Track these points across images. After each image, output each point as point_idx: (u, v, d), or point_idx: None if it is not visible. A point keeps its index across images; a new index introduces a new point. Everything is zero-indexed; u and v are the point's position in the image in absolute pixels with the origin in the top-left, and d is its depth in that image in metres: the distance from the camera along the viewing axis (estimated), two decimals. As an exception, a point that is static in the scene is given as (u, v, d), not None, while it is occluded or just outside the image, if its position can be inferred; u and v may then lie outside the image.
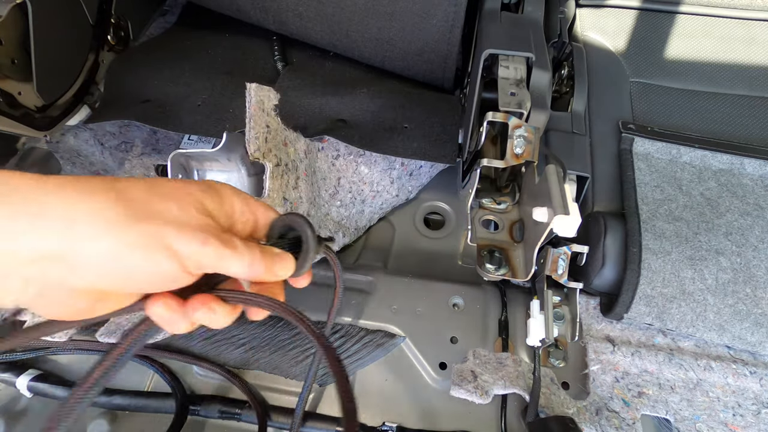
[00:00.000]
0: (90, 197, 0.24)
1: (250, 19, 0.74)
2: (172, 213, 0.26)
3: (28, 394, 0.56)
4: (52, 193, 0.23)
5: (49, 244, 0.22)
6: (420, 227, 0.73)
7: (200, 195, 0.29)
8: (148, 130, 0.83)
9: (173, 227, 0.26)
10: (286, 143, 0.59)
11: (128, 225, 0.24)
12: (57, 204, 0.23)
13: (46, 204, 0.22)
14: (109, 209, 0.24)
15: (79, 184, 0.24)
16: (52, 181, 0.24)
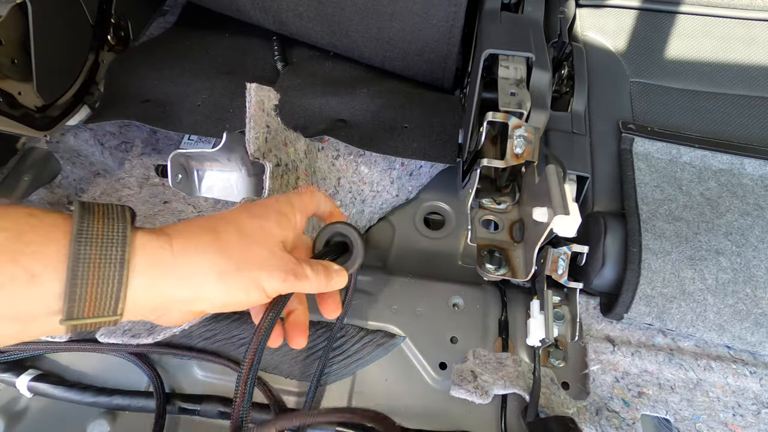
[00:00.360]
0: (204, 259, 0.32)
1: (250, 19, 0.74)
2: (262, 257, 0.34)
3: (28, 394, 0.56)
4: (180, 256, 0.31)
5: (188, 294, 0.32)
6: (420, 227, 0.73)
7: (279, 232, 0.37)
8: (148, 130, 0.83)
9: (264, 271, 0.34)
10: (286, 143, 0.59)
11: (232, 274, 0.33)
12: (187, 266, 0.32)
13: (181, 268, 0.31)
14: (218, 264, 0.32)
15: (193, 244, 0.32)
16: (177, 247, 0.32)
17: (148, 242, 0.30)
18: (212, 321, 0.60)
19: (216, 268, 0.32)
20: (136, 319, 0.34)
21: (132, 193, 0.78)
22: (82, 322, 0.28)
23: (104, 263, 0.28)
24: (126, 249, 0.29)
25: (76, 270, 0.27)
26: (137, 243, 0.30)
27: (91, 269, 0.27)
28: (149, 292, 0.30)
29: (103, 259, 0.28)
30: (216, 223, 0.34)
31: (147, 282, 0.30)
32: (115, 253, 0.28)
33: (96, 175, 0.78)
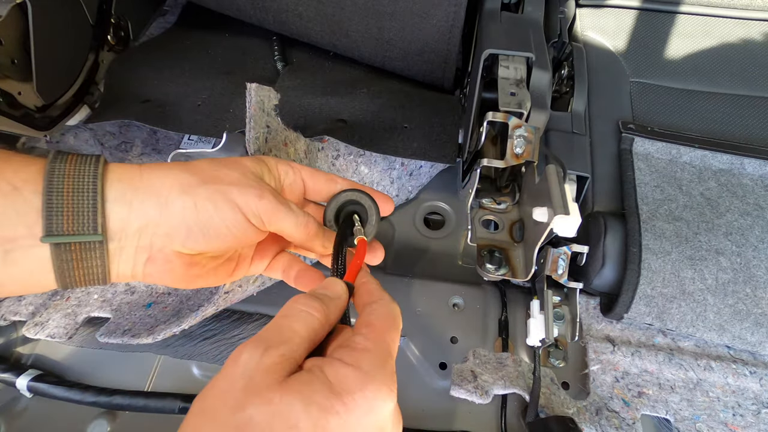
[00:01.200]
0: (170, 174, 0.32)
1: (250, 19, 0.74)
2: (233, 177, 0.33)
3: (28, 394, 0.56)
4: (146, 173, 0.31)
5: (157, 211, 0.31)
6: (420, 227, 0.73)
7: (252, 166, 0.35)
8: (148, 130, 0.83)
9: (234, 186, 0.32)
10: (286, 143, 0.59)
11: (199, 186, 0.32)
12: (152, 180, 0.31)
13: (147, 181, 0.31)
14: (183, 178, 0.32)
15: (160, 166, 0.32)
16: (146, 168, 0.32)
17: (119, 167, 0.31)
18: (213, 321, 0.60)
19: (180, 180, 0.32)
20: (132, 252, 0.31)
21: (132, 193, 0.77)
22: (64, 239, 0.28)
23: (78, 176, 0.29)
24: (99, 166, 0.30)
25: (51, 181, 0.29)
26: (109, 166, 0.31)
27: (66, 180, 0.29)
28: (123, 208, 0.30)
29: (77, 173, 0.29)
30: (188, 162, 0.34)
31: (119, 197, 0.30)
32: (88, 169, 0.30)
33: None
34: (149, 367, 0.59)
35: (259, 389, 0.22)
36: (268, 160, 0.37)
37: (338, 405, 0.23)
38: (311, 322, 0.26)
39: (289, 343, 0.25)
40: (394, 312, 0.29)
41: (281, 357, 0.24)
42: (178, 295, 0.61)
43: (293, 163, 0.39)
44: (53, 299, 0.62)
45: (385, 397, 0.24)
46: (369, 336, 0.26)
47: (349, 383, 0.24)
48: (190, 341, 0.58)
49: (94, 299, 0.62)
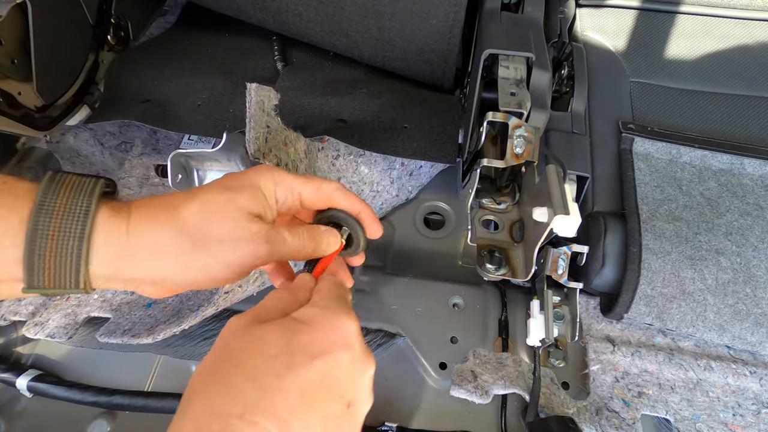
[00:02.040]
0: (158, 238, 0.31)
1: (250, 19, 0.74)
2: (223, 231, 0.32)
3: (28, 394, 0.56)
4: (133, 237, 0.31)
5: (143, 274, 0.31)
6: (420, 227, 0.73)
7: (246, 203, 0.33)
8: (148, 130, 0.83)
9: (226, 245, 0.32)
10: (287, 143, 0.59)
11: (187, 254, 0.31)
12: (138, 247, 0.31)
13: (134, 249, 0.31)
14: (171, 244, 0.31)
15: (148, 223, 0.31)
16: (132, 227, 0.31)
17: (108, 219, 0.30)
18: (213, 321, 0.60)
19: (169, 248, 0.31)
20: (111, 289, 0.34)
21: (132, 193, 0.78)
22: (44, 291, 0.29)
23: (63, 237, 0.29)
24: (87, 224, 0.29)
25: (34, 241, 0.28)
26: (98, 220, 0.30)
27: (49, 242, 0.28)
28: (108, 270, 0.30)
29: (62, 233, 0.29)
30: (180, 199, 0.32)
31: (104, 260, 0.30)
32: (74, 228, 0.29)
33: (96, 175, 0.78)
34: (149, 367, 0.59)
35: (241, 330, 0.29)
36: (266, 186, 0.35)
37: (305, 327, 0.29)
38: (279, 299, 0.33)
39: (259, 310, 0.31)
40: (338, 281, 0.35)
41: (253, 316, 0.30)
42: (178, 296, 0.61)
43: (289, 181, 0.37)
44: (53, 299, 0.62)
45: (345, 318, 0.30)
46: (321, 293, 0.33)
47: (312, 314, 0.30)
48: (190, 341, 0.58)
49: (94, 299, 0.62)
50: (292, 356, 0.27)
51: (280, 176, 0.36)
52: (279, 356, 0.27)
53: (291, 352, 0.27)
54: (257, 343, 0.28)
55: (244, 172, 0.36)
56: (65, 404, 0.55)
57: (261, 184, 0.35)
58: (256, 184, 0.35)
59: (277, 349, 0.27)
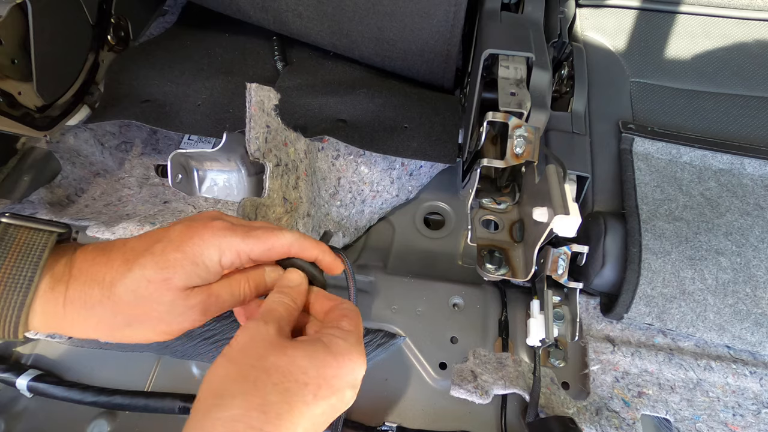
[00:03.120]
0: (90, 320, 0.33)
1: (250, 19, 0.74)
2: (159, 310, 0.33)
3: (28, 394, 0.56)
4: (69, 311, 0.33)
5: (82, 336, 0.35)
6: (420, 227, 0.73)
7: (184, 280, 0.33)
8: (148, 130, 0.83)
9: (163, 320, 0.34)
10: (287, 143, 0.59)
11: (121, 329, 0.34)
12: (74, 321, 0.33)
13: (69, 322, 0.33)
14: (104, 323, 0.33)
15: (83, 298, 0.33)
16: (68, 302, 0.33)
17: (46, 293, 0.33)
18: (212, 321, 0.60)
19: (102, 324, 0.33)
20: None
21: (132, 193, 0.78)
22: None
23: (4, 306, 0.31)
24: (28, 295, 0.32)
25: None
26: (40, 290, 0.32)
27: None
28: (47, 331, 0.34)
29: (3, 301, 0.31)
30: (116, 274, 0.33)
31: (41, 325, 0.33)
32: (15, 298, 0.32)
33: (96, 175, 0.78)
34: (149, 367, 0.59)
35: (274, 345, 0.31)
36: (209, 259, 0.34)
37: (331, 360, 0.31)
38: (286, 306, 0.35)
39: (280, 320, 0.34)
40: (357, 310, 0.38)
41: (277, 325, 0.33)
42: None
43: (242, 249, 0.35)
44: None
45: (362, 364, 0.33)
46: (351, 323, 0.35)
47: (340, 348, 0.32)
48: (190, 341, 0.58)
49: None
50: (319, 388, 0.30)
51: (226, 243, 0.35)
52: (309, 385, 0.30)
53: (319, 384, 0.30)
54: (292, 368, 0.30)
55: (188, 239, 0.34)
56: (65, 404, 0.55)
57: (204, 255, 0.34)
58: (198, 258, 0.34)
59: (308, 378, 0.30)
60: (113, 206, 0.75)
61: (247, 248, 0.35)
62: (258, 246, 0.36)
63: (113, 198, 0.76)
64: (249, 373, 0.29)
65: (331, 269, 0.41)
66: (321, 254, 0.40)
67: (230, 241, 0.35)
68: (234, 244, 0.35)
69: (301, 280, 0.38)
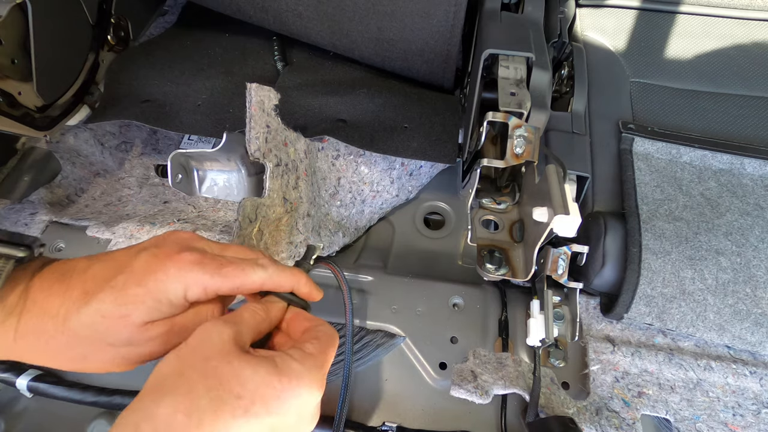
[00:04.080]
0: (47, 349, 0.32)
1: (250, 19, 0.74)
2: (117, 344, 0.32)
3: (28, 394, 0.56)
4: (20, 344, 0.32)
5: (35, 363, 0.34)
6: (420, 227, 0.73)
7: (143, 315, 0.32)
8: (148, 130, 0.83)
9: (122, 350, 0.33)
10: (287, 143, 0.59)
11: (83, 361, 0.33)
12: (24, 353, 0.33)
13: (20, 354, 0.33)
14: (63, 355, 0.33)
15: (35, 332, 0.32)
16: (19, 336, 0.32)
17: (2, 322, 0.32)
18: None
19: (58, 359, 0.33)
20: None
21: (132, 193, 0.78)
22: None
23: None
24: None
25: None
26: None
27: None
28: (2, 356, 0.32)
29: None
30: (71, 307, 0.32)
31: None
32: None
33: (96, 175, 0.78)
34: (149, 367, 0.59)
35: (222, 352, 0.30)
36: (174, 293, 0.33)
37: (275, 380, 0.30)
38: (256, 315, 0.34)
39: (240, 324, 0.32)
40: (335, 335, 0.36)
41: (235, 331, 0.31)
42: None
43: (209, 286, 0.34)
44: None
45: (313, 391, 0.31)
46: (316, 346, 0.34)
47: (290, 370, 0.31)
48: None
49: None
50: (252, 404, 0.29)
51: (192, 278, 0.33)
52: (243, 398, 0.28)
53: (253, 400, 0.29)
54: (231, 377, 0.29)
55: (150, 273, 0.33)
56: (65, 404, 0.55)
57: (168, 291, 0.33)
58: (161, 294, 0.33)
59: (244, 391, 0.29)
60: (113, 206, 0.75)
61: (214, 286, 0.34)
62: (226, 284, 0.34)
63: (113, 198, 0.77)
64: (189, 373, 0.28)
65: (311, 298, 0.40)
66: (297, 285, 0.38)
67: (197, 276, 0.33)
68: (201, 281, 0.34)
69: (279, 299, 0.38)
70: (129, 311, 0.32)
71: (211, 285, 0.34)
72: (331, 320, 0.60)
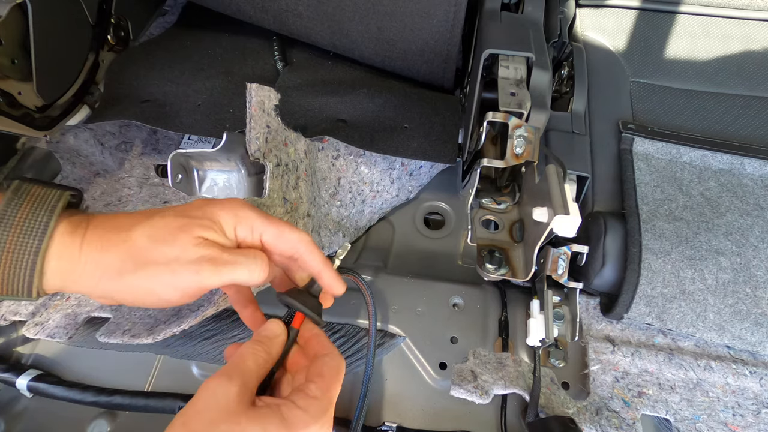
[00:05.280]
0: (105, 257, 0.33)
1: (250, 19, 0.74)
2: (170, 255, 0.33)
3: (28, 394, 0.56)
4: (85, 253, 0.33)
5: (89, 289, 0.34)
6: (420, 227, 0.73)
7: (200, 230, 0.34)
8: (148, 130, 0.83)
9: (169, 268, 0.33)
10: (287, 143, 0.59)
11: (129, 274, 0.33)
12: (87, 264, 0.33)
13: (83, 264, 0.33)
14: (116, 265, 0.33)
15: (100, 242, 0.33)
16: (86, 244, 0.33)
17: (64, 236, 0.32)
18: (212, 321, 0.60)
19: (113, 267, 0.33)
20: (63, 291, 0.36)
21: (132, 193, 0.78)
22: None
23: (19, 251, 0.31)
24: (44, 240, 0.31)
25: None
26: (56, 235, 0.32)
27: (4, 255, 0.31)
28: (58, 282, 0.33)
29: (19, 246, 0.31)
30: (136, 219, 0.34)
31: (55, 274, 0.32)
32: (31, 242, 0.31)
33: (96, 175, 0.78)
34: (149, 367, 0.59)
35: (229, 413, 0.30)
36: (225, 221, 0.36)
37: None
38: (257, 359, 0.34)
39: (245, 375, 0.33)
40: (340, 366, 0.36)
41: (242, 385, 0.31)
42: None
43: (256, 225, 0.37)
44: (53, 299, 0.62)
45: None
46: (320, 386, 0.34)
47: (298, 422, 0.31)
48: (190, 341, 0.58)
49: (94, 299, 0.62)
50: None
51: (243, 213, 0.36)
52: None
53: None
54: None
55: (209, 203, 0.36)
56: (65, 404, 0.55)
57: (221, 218, 0.36)
58: (216, 217, 0.36)
59: None
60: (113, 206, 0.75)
61: (261, 226, 0.37)
62: (271, 228, 0.37)
63: (113, 198, 0.77)
64: None
65: (331, 288, 0.40)
66: (323, 269, 0.39)
67: (248, 213, 0.36)
68: (251, 218, 0.36)
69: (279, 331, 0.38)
70: (187, 222, 0.34)
71: (258, 225, 0.36)
72: (332, 320, 0.60)
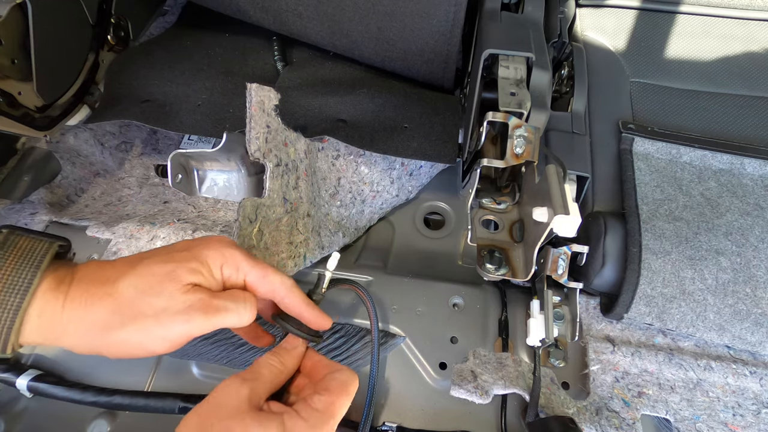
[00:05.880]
0: (89, 315, 0.33)
1: (250, 19, 0.74)
2: (158, 305, 0.33)
3: (28, 394, 0.56)
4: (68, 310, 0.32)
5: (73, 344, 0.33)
6: (420, 227, 0.73)
7: (186, 275, 0.35)
8: (148, 130, 0.83)
9: (158, 320, 0.33)
10: (287, 143, 0.59)
11: (116, 330, 0.33)
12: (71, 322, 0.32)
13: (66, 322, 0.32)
14: (101, 321, 0.33)
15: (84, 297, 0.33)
16: (68, 301, 0.32)
17: (48, 291, 0.32)
18: (212, 321, 0.60)
19: (99, 323, 0.33)
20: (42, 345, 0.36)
21: (132, 193, 0.78)
22: None
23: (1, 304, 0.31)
24: (26, 298, 0.31)
25: None
26: (39, 292, 0.32)
27: None
28: (38, 338, 0.32)
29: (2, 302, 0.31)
30: (121, 271, 0.34)
31: (35, 330, 0.32)
32: (12, 300, 0.31)
33: (96, 175, 0.78)
34: (149, 367, 0.59)
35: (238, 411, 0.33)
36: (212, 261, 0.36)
37: None
38: (272, 369, 0.37)
39: (258, 380, 0.35)
40: (349, 381, 0.38)
41: (251, 389, 0.34)
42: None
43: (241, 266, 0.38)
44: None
45: None
46: (324, 399, 0.36)
47: (297, 430, 0.33)
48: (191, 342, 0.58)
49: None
50: None
51: (230, 252, 0.37)
52: None
53: None
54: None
55: (194, 243, 0.37)
56: (65, 404, 0.55)
57: (208, 257, 0.36)
58: (203, 257, 0.36)
59: None
60: (113, 206, 0.75)
61: (246, 267, 0.38)
62: (256, 269, 0.38)
63: (113, 198, 0.77)
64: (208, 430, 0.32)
65: (318, 326, 0.42)
66: (304, 310, 0.41)
67: (234, 253, 0.37)
68: (237, 258, 0.37)
69: (297, 344, 0.40)
70: (174, 269, 0.34)
71: (243, 264, 0.38)
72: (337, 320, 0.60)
